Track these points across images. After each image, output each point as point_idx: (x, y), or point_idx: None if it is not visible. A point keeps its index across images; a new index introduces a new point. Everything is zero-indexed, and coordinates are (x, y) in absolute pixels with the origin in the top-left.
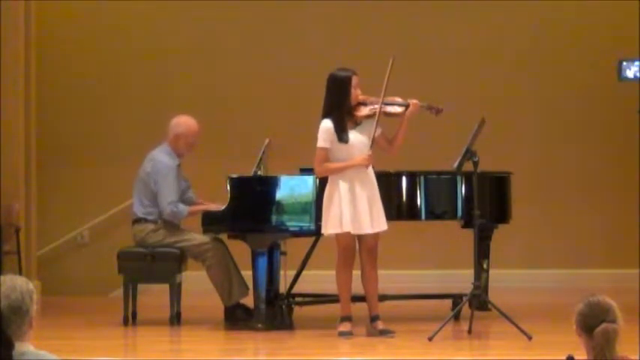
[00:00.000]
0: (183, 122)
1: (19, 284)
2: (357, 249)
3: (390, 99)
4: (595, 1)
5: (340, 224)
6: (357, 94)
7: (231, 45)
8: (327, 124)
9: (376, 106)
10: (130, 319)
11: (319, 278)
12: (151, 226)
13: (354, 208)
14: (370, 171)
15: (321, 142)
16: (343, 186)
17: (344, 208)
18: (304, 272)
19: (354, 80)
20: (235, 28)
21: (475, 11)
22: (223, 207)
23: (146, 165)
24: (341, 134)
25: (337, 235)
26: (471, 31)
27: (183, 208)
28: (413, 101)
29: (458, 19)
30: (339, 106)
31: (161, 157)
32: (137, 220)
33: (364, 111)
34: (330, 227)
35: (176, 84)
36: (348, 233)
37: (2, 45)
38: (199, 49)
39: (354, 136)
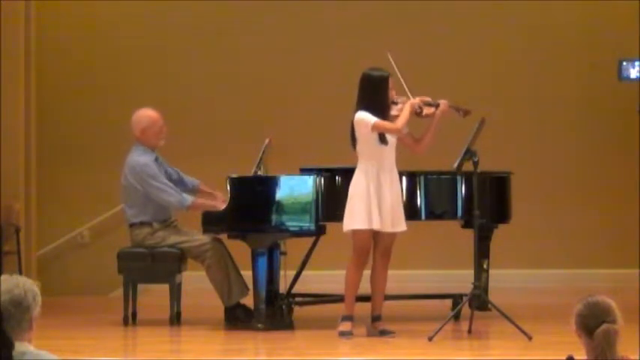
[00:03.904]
0: (144, 115)
1: (24, 282)
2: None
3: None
4: (595, 1)
5: (368, 220)
6: (392, 94)
7: (231, 45)
8: (365, 112)
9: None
10: (130, 319)
11: (319, 278)
12: (146, 230)
13: (379, 207)
14: (395, 172)
15: (372, 118)
16: (370, 184)
17: (372, 205)
18: (304, 272)
19: (391, 81)
20: (236, 28)
21: (475, 11)
22: (223, 207)
23: (125, 172)
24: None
25: (355, 234)
26: (471, 31)
27: (186, 196)
28: (442, 101)
29: (458, 19)
30: (375, 106)
31: (135, 158)
32: (132, 225)
33: (394, 110)
34: (355, 223)
35: (177, 84)
36: (369, 232)
37: (2, 45)
38: (200, 48)
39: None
